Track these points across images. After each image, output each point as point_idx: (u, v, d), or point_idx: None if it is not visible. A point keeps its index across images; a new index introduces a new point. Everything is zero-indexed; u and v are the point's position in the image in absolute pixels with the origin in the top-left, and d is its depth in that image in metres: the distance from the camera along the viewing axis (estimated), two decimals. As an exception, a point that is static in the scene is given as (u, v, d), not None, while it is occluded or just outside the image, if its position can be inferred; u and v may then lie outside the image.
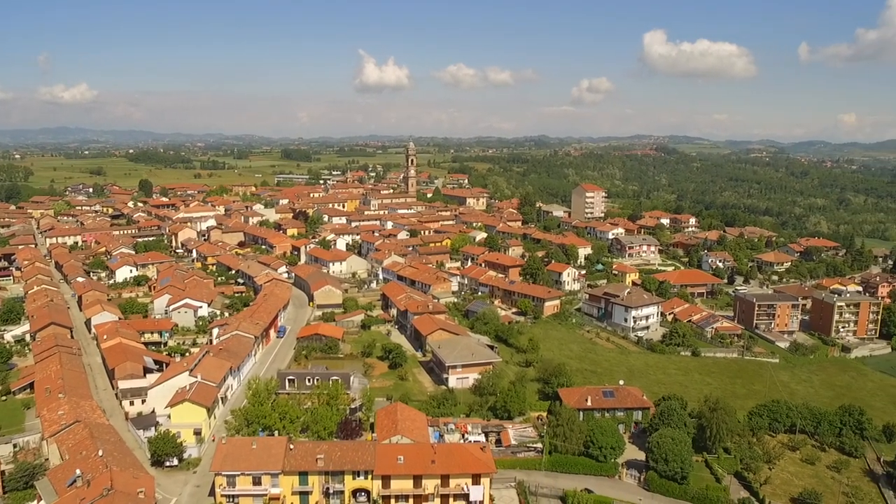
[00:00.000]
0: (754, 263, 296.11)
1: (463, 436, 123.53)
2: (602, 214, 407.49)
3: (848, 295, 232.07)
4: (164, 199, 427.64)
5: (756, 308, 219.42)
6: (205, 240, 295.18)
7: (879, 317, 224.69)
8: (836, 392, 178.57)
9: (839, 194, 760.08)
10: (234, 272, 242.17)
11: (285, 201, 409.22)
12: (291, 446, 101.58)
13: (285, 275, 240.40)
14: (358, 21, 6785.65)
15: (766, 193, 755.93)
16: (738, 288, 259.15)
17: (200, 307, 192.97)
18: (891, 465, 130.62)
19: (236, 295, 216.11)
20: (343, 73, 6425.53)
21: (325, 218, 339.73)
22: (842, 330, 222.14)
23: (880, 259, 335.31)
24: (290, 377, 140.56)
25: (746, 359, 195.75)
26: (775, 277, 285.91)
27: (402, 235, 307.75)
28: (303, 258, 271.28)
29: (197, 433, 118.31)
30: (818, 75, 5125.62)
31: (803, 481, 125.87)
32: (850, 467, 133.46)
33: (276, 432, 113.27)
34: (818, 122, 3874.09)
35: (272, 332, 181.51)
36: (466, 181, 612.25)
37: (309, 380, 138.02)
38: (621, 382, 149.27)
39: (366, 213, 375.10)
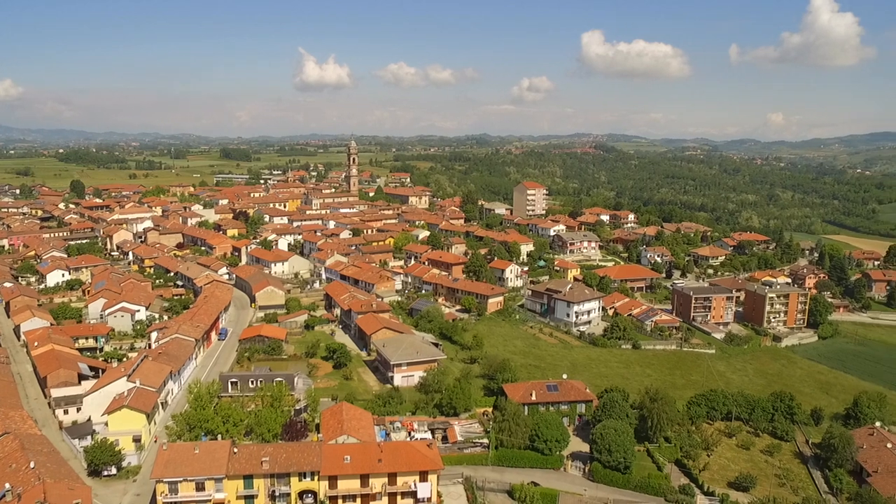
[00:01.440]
0: (691, 258, 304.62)
1: (409, 434, 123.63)
2: (543, 212, 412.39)
3: (778, 287, 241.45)
4: (98, 201, 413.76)
5: (693, 301, 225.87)
6: (141, 242, 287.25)
7: (807, 307, 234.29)
8: (769, 380, 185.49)
9: (769, 190, 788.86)
10: (172, 274, 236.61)
11: (225, 202, 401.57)
12: (235, 450, 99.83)
13: (226, 276, 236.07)
14: (297, 18, 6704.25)
15: (701, 190, 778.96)
16: (676, 282, 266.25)
17: (138, 311, 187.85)
18: (818, 447, 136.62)
19: (175, 297, 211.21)
20: (283, 71, 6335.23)
21: (266, 218, 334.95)
22: (773, 320, 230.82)
23: (807, 252, 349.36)
24: (233, 380, 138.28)
25: (685, 350, 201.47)
26: (711, 271, 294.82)
27: (345, 235, 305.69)
28: (244, 259, 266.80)
29: (136, 440, 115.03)
30: (748, 76, 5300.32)
31: (739, 466, 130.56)
32: (781, 451, 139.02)
33: (219, 436, 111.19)
34: (749, 121, 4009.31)
35: (213, 335, 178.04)
36: (409, 180, 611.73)
37: (252, 382, 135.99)
38: (565, 376, 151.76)
39: (307, 212, 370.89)
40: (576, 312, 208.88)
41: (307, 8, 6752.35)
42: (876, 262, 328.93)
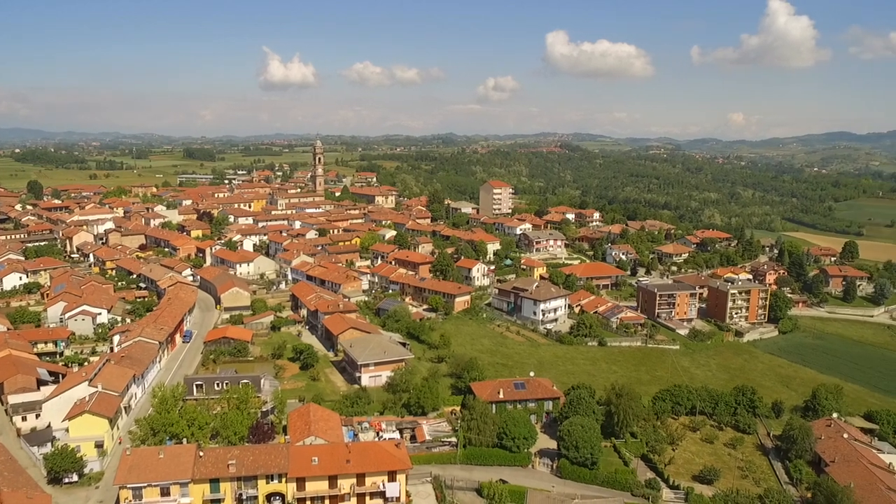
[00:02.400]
0: (655, 255, 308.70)
1: (377, 434, 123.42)
2: (510, 211, 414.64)
3: (740, 283, 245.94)
4: (57, 202, 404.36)
5: (657, 298, 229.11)
6: (103, 243, 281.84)
7: (767, 302, 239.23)
8: (731, 374, 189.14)
9: (730, 189, 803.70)
10: (135, 276, 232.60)
11: (189, 202, 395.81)
12: (201, 453, 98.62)
13: (190, 278, 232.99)
14: (261, 17, 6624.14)
15: (665, 188, 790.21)
16: (641, 279, 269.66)
17: (100, 314, 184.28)
18: (779, 439, 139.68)
19: (138, 300, 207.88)
20: (247, 70, 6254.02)
21: (231, 218, 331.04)
22: (735, 316, 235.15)
23: (767, 249, 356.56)
24: (198, 382, 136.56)
25: (650, 346, 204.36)
26: (674, 268, 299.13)
27: (311, 235, 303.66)
28: (208, 260, 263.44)
29: (99, 446, 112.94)
30: (709, 77, 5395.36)
31: (703, 459, 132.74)
32: (744, 443, 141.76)
33: (184, 440, 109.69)
34: (710, 120, 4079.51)
35: (178, 337, 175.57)
36: (375, 179, 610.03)
37: (218, 384, 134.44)
38: (532, 374, 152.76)
39: (273, 212, 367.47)
40: (542, 310, 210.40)
41: (271, 6, 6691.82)
42: (832, 259, 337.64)
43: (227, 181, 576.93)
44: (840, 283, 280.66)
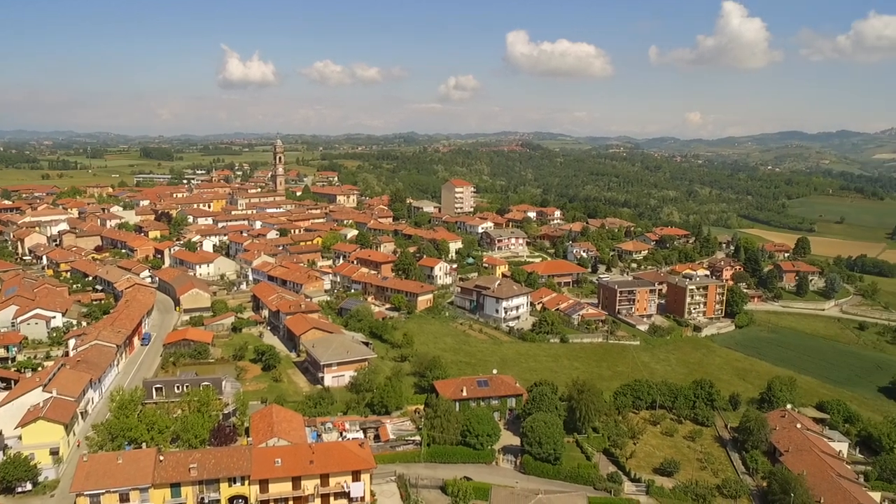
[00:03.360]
0: (615, 252, 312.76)
1: (341, 434, 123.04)
2: (471, 209, 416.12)
3: (697, 279, 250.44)
4: (7, 202, 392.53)
5: (618, 294, 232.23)
6: (56, 245, 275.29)
7: (724, 298, 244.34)
8: (690, 368, 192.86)
9: (688, 186, 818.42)
10: (91, 279, 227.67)
11: (146, 202, 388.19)
12: (161, 457, 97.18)
13: (148, 279, 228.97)
14: (219, 14, 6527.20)
15: (625, 186, 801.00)
16: (601, 276, 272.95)
17: (54, 317, 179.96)
18: (736, 431, 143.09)
19: (94, 303, 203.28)
20: (206, 68, 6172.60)
21: (190, 219, 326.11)
22: (693, 311, 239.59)
23: (724, 245, 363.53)
24: (158, 385, 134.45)
25: (611, 342, 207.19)
26: (634, 265, 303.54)
27: (272, 235, 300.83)
28: (167, 261, 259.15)
29: (54, 453, 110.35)
30: (667, 77, 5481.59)
31: (664, 452, 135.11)
32: (702, 436, 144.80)
33: (143, 444, 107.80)
34: (669, 119, 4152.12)
35: (136, 340, 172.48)
36: (336, 179, 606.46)
37: (178, 387, 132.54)
38: (495, 371, 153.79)
39: (233, 212, 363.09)
40: (504, 308, 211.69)
41: (229, 3, 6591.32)
42: (786, 254, 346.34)
43: (185, 181, 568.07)
44: (793, 279, 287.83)
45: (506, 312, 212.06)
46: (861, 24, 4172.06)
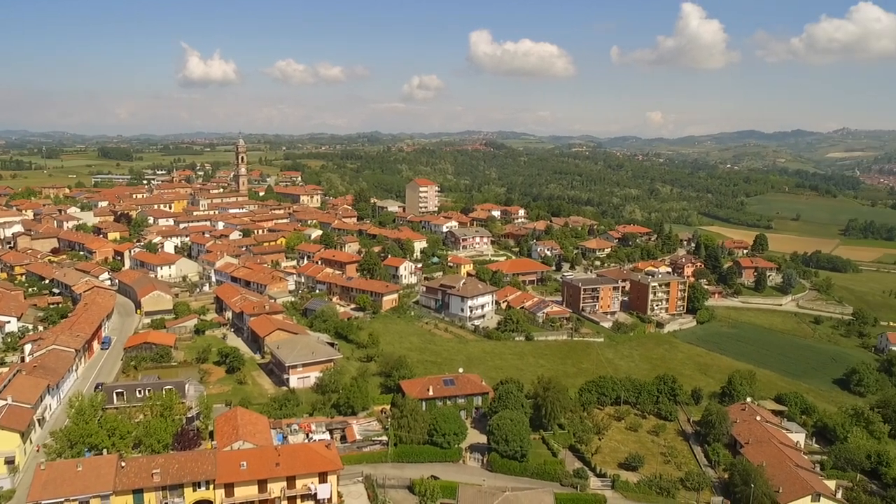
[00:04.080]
0: (579, 250, 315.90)
1: (307, 435, 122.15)
2: (436, 208, 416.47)
3: (660, 276, 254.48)
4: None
5: (582, 292, 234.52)
6: (10, 248, 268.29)
7: (686, 294, 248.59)
8: (653, 364, 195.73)
9: (650, 185, 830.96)
10: (48, 282, 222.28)
11: (105, 203, 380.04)
12: (123, 464, 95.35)
13: (108, 282, 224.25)
14: (178, 10, 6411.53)
15: (588, 185, 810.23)
16: (565, 274, 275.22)
17: (8, 322, 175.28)
18: (698, 424, 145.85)
19: (52, 306, 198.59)
20: (165, 66, 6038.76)
21: (151, 220, 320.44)
22: (656, 308, 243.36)
23: (685, 242, 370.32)
24: (119, 390, 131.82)
25: (575, 340, 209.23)
26: (598, 263, 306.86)
27: (235, 235, 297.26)
28: (127, 263, 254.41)
29: (9, 462, 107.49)
30: (628, 76, 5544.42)
31: (628, 447, 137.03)
32: (666, 430, 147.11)
33: (104, 451, 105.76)
34: (630, 119, 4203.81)
35: (96, 344, 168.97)
36: (300, 178, 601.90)
37: (140, 391, 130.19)
38: (461, 370, 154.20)
39: (195, 213, 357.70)
40: (470, 307, 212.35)
41: (189, 0, 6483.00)
42: (745, 251, 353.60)
43: (145, 181, 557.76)
44: (752, 275, 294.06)
45: (471, 311, 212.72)
46: (813, 27, 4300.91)
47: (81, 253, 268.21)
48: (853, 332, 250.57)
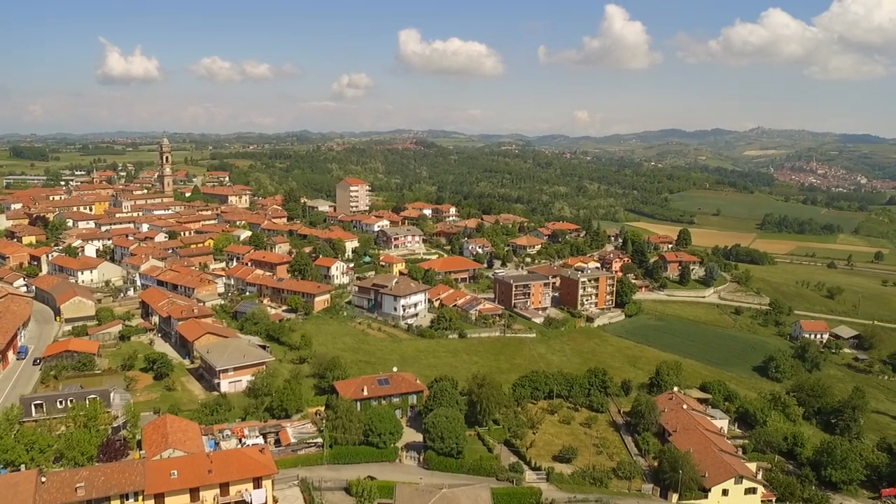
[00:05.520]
0: (510, 248, 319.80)
1: (240, 440, 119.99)
2: (367, 208, 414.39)
3: (589, 272, 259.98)
4: None
5: (513, 289, 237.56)
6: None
7: (615, 289, 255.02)
8: (584, 358, 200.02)
9: (578, 182, 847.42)
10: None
11: (19, 206, 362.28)
12: (44, 479, 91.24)
13: (24, 288, 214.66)
14: (96, 4, 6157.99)
15: (517, 183, 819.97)
16: (497, 271, 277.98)
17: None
18: (628, 415, 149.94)
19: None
20: (83, 62, 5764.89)
21: (70, 223, 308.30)
22: (586, 303, 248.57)
23: (612, 238, 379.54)
24: (37, 402, 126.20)
25: (508, 336, 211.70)
26: (528, 259, 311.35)
27: (160, 238, 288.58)
28: (44, 268, 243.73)
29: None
30: (556, 76, 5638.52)
31: (562, 440, 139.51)
32: (598, 422, 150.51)
33: (22, 466, 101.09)
34: (558, 117, 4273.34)
35: (11, 355, 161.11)
36: (227, 179, 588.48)
37: (61, 402, 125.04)
38: (395, 369, 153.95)
39: (117, 215, 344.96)
40: (403, 306, 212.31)
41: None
42: (669, 245, 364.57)
43: (63, 182, 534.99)
44: (676, 268, 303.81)
45: (404, 310, 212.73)
46: (729, 30, 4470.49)
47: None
48: (770, 321, 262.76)
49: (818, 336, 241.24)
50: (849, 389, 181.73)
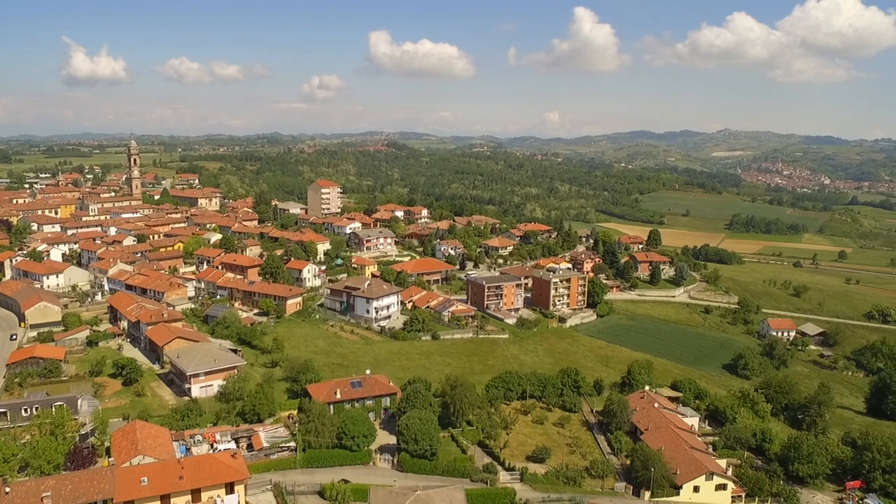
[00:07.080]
0: (482, 249, 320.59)
1: (212, 445, 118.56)
2: (339, 210, 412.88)
3: (561, 272, 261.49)
4: None
5: (486, 290, 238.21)
6: None
7: (586, 289, 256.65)
8: (557, 358, 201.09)
9: (549, 184, 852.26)
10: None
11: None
12: (8, 489, 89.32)
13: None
14: (60, 3, 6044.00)
15: (489, 184, 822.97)
16: (469, 273, 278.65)
17: None
18: (601, 414, 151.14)
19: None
20: (47, 62, 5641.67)
21: (35, 226, 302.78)
22: (558, 303, 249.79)
23: (584, 239, 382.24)
24: (1, 410, 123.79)
25: (481, 337, 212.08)
26: (501, 261, 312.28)
27: (129, 241, 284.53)
28: (8, 273, 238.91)
29: None
30: (526, 78, 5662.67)
31: (535, 440, 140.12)
32: (571, 421, 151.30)
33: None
34: (529, 119, 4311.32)
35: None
36: (197, 181, 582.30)
37: (26, 410, 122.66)
38: (368, 372, 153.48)
39: (84, 219, 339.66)
40: (375, 308, 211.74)
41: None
42: (640, 246, 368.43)
43: (27, 185, 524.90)
44: (647, 268, 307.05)
45: (377, 312, 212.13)
46: (695, 34, 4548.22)
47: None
48: (739, 319, 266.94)
49: (785, 334, 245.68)
50: (815, 385, 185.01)
